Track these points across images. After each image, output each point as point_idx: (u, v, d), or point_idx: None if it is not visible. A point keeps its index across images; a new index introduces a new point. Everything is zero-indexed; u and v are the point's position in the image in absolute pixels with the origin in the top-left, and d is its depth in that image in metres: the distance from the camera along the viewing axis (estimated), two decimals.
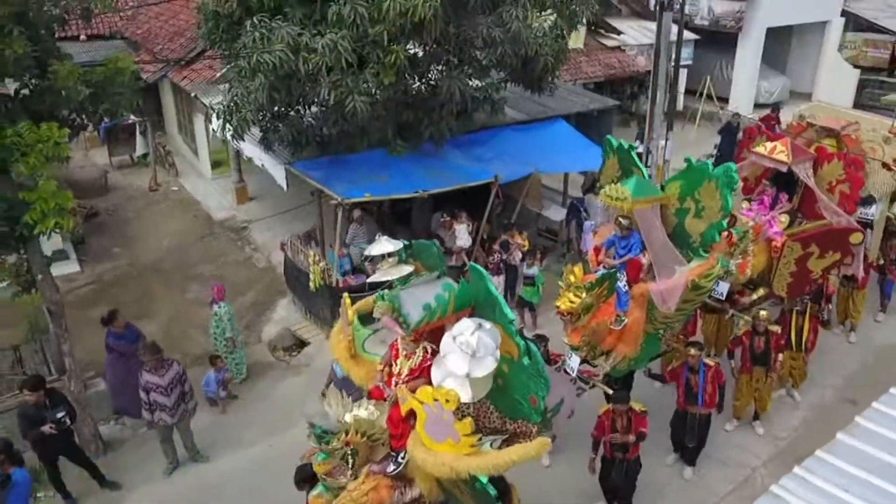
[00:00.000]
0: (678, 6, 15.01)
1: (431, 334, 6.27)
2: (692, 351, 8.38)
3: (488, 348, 5.58)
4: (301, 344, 11.95)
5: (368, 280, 7.33)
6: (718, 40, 21.27)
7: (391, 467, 5.97)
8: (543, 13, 9.96)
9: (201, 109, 16.50)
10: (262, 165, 12.87)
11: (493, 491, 5.48)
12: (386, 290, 6.52)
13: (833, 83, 22.17)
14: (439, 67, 10.70)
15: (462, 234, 12.09)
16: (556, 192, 14.62)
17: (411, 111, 11.01)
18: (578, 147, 13.46)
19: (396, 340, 6.49)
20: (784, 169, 8.98)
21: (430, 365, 6.02)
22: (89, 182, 17.45)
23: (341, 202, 10.41)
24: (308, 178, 11.19)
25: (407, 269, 6.82)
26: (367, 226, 12.32)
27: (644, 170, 8.58)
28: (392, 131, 11.13)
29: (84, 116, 7.85)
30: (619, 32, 20.74)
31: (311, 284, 11.51)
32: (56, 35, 8.21)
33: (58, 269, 13.95)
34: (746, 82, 21.42)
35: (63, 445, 8.29)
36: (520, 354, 5.71)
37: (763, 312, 8.94)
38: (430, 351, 6.17)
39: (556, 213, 13.48)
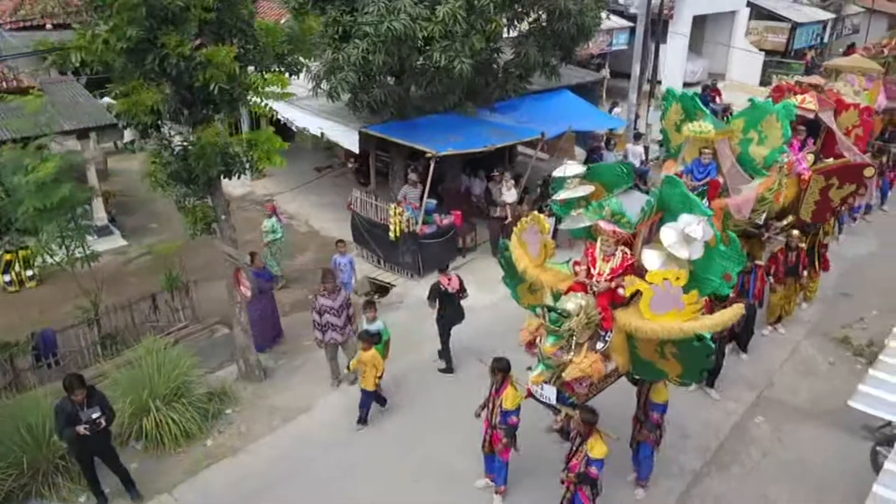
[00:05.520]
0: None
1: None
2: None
3: (708, 235, 7.18)
4: (381, 289, 13.32)
5: (558, 198, 8.37)
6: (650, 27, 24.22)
7: (600, 345, 7.38)
8: None
9: None
10: (322, 134, 14.01)
11: (713, 344, 7.02)
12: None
13: (742, 65, 25.86)
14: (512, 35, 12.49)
15: (510, 191, 13.84)
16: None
17: (481, 76, 12.72)
18: (588, 111, 15.73)
19: (590, 249, 7.83)
20: (812, 116, 10.98)
21: (630, 264, 7.51)
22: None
23: (434, 155, 11.94)
24: (391, 137, 12.61)
25: (589, 188, 8.34)
26: (417, 187, 13.90)
27: (707, 112, 10.74)
28: (461, 95, 12.78)
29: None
30: None
31: (391, 234, 12.92)
32: None
33: (107, 244, 14.60)
34: (677, 64, 24.57)
35: (98, 446, 7.90)
36: (717, 241, 7.33)
37: (795, 232, 11.11)
38: (627, 254, 7.60)
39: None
